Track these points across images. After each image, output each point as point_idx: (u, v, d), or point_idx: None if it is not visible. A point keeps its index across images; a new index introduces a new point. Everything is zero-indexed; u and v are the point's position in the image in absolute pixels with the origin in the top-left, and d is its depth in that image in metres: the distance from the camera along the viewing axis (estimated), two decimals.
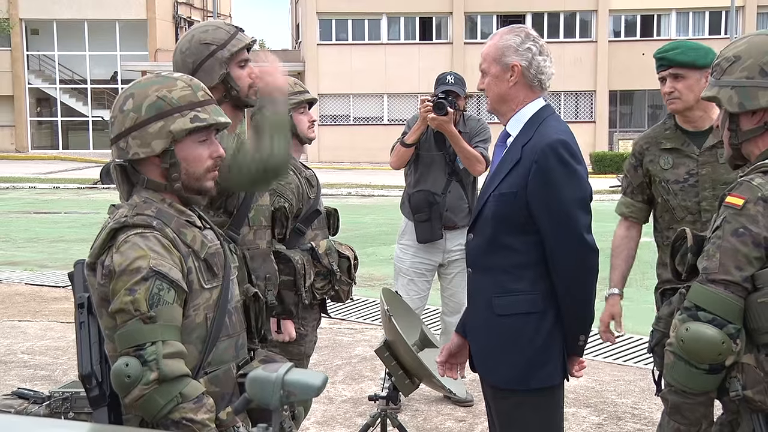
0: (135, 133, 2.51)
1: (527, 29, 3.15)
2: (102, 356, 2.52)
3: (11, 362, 6.87)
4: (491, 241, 3.04)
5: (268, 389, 1.68)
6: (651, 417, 5.50)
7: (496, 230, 3.02)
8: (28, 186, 25.41)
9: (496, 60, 3.08)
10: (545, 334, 3.02)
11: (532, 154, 2.97)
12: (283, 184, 3.96)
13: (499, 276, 3.04)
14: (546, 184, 2.94)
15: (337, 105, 37.15)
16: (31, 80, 41.25)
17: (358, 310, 8.67)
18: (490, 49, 3.12)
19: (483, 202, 3.09)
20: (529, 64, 3.06)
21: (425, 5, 36.88)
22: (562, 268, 2.98)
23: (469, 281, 3.22)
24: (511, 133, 3.11)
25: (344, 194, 23.10)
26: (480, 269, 3.11)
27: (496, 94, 3.11)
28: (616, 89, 37.71)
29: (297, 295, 3.93)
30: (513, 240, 3.00)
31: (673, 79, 3.82)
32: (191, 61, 3.30)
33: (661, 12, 37.91)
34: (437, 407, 5.67)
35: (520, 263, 3.01)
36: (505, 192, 3.00)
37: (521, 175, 2.97)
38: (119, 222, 2.45)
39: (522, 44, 3.07)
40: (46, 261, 11.92)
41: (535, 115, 3.08)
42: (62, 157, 37.57)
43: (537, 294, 3.00)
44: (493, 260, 3.05)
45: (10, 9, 39.46)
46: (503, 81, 3.08)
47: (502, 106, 3.13)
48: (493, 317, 3.05)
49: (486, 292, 3.07)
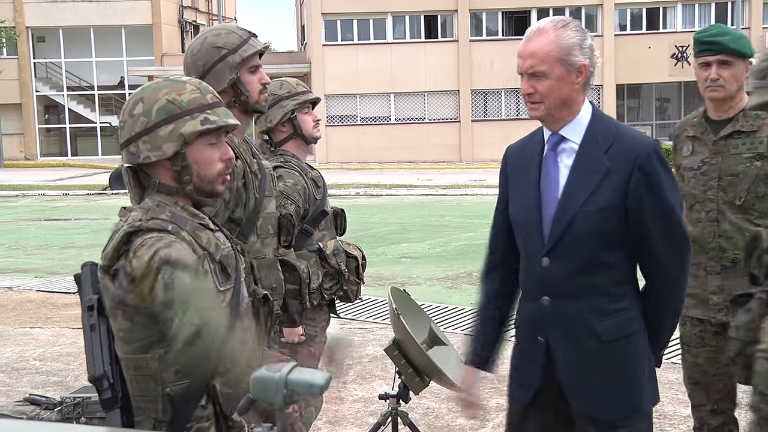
0: (146, 137, 2.51)
1: (577, 22, 2.88)
2: (113, 358, 2.52)
3: (23, 369, 6.89)
4: (588, 261, 2.77)
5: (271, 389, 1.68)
6: (662, 410, 5.49)
7: (595, 249, 2.76)
8: (37, 193, 25.48)
9: (561, 60, 2.76)
10: (647, 353, 2.86)
11: (628, 162, 2.73)
12: (290, 186, 3.96)
13: (596, 299, 2.79)
14: (652, 189, 2.74)
15: (344, 105, 37.14)
16: (39, 88, 41.36)
17: (367, 310, 8.68)
18: (549, 48, 2.76)
19: (567, 222, 2.77)
20: (591, 63, 2.82)
21: (430, 3, 36.84)
22: (666, 271, 2.81)
23: (547, 313, 2.85)
24: (571, 139, 2.82)
25: (352, 194, 23.10)
26: (568, 296, 2.81)
27: (559, 98, 2.78)
28: (623, 83, 37.60)
29: (301, 304, 3.93)
30: (612, 257, 2.78)
31: (720, 66, 3.68)
32: (201, 63, 3.30)
33: (666, 4, 37.79)
34: (448, 404, 5.67)
35: (619, 280, 2.80)
36: (604, 206, 2.73)
37: (617, 185, 2.73)
38: (134, 226, 2.44)
39: (584, 41, 2.81)
40: (56, 267, 11.95)
41: (594, 116, 2.84)
42: (71, 164, 37.66)
43: (636, 311, 2.83)
44: (588, 282, 2.78)
45: (16, 17, 39.57)
46: (569, 83, 2.78)
47: (562, 111, 2.81)
48: (598, 345, 2.79)
49: (582, 319, 2.79)
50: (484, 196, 21.51)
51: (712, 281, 3.77)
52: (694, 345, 3.88)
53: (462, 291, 9.62)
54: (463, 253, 12.31)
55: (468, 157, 36.16)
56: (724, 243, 3.73)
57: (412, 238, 14.34)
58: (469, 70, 36.41)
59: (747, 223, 3.70)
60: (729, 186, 3.72)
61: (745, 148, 3.71)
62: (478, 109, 37.18)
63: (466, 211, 18.23)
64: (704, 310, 3.81)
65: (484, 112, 37.30)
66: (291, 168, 4.03)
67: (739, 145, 3.72)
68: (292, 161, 4.07)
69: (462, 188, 23.98)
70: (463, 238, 14.09)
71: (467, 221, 16.39)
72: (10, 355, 7.32)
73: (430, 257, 12.29)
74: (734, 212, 3.72)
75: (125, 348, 2.48)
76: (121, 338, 2.48)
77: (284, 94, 4.11)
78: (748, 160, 3.70)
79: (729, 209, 3.72)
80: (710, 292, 3.77)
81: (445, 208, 19.37)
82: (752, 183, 3.69)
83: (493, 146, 35.32)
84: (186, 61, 3.36)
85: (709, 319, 3.80)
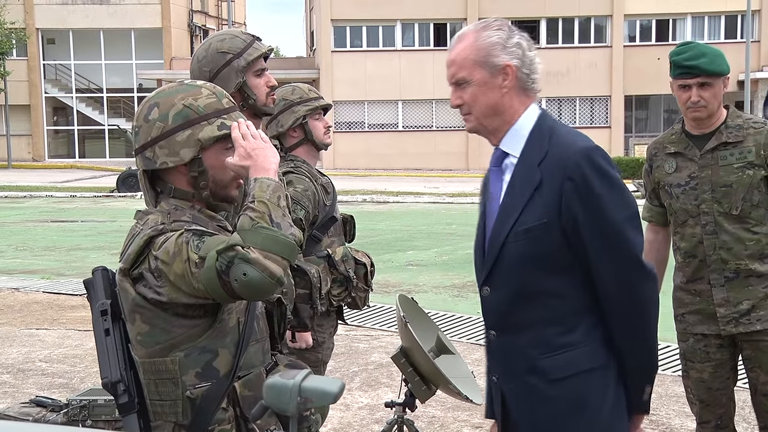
0: (162, 142, 2.50)
1: (504, 21, 2.57)
2: (127, 362, 2.52)
3: (29, 370, 6.89)
4: (522, 290, 2.46)
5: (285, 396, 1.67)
6: (669, 423, 5.47)
7: (528, 276, 2.44)
8: (45, 195, 25.54)
9: (480, 63, 2.48)
10: (613, 392, 2.47)
11: (560, 170, 2.39)
12: (300, 192, 3.96)
13: (540, 331, 2.45)
14: (587, 203, 2.38)
15: (352, 112, 37.18)
16: (48, 89, 41.48)
17: (374, 317, 8.67)
18: (467, 51, 2.49)
19: (500, 245, 2.48)
20: (522, 63, 2.49)
21: (439, 11, 36.90)
22: (617, 303, 2.43)
23: (493, 348, 2.60)
24: (510, 152, 2.53)
25: (359, 201, 23.11)
26: (510, 329, 2.50)
27: (485, 106, 2.50)
28: (631, 94, 37.59)
29: (312, 308, 3.92)
30: (553, 283, 2.43)
31: (700, 88, 3.72)
32: (208, 69, 3.31)
33: (676, 16, 37.79)
34: (454, 414, 5.65)
35: (567, 310, 2.44)
36: (531, 226, 2.41)
37: (549, 199, 2.40)
38: (157, 230, 2.43)
39: (509, 39, 2.50)
40: (63, 269, 11.96)
41: (538, 125, 2.51)
42: (79, 166, 37.76)
43: (595, 343, 2.45)
44: (528, 314, 2.46)
45: (26, 19, 39.71)
46: (493, 88, 2.48)
47: (493, 121, 2.53)
48: (543, 384, 2.46)
49: (526, 355, 2.47)
50: None
51: (718, 294, 3.76)
52: (699, 360, 3.87)
53: (468, 299, 9.60)
54: (470, 262, 12.17)
55: (475, 165, 36.12)
56: (724, 254, 3.74)
57: (418, 245, 14.33)
58: None
59: (746, 232, 3.73)
60: (723, 197, 3.74)
61: (735, 159, 3.74)
62: None
63: (472, 220, 18.06)
64: (711, 324, 3.80)
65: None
66: (301, 174, 4.03)
67: (727, 156, 3.75)
68: (303, 167, 4.07)
69: (469, 196, 23.96)
70: (469, 246, 13.97)
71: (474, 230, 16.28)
72: (16, 356, 7.33)
73: (436, 265, 12.28)
74: (732, 222, 3.74)
75: (143, 352, 2.48)
76: (140, 342, 2.47)
77: (296, 99, 4.11)
78: (740, 170, 3.73)
79: (726, 220, 3.74)
80: (717, 305, 3.76)
81: (451, 216, 19.36)
82: (746, 192, 3.72)
83: None
84: (192, 67, 3.37)
85: (718, 333, 3.79)
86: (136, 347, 2.48)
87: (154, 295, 2.41)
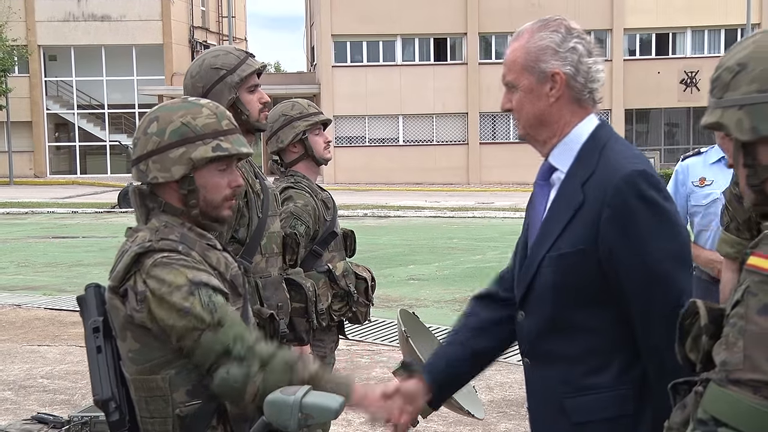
0: (156, 156, 2.51)
1: (566, 22, 2.30)
2: (119, 379, 2.52)
3: (31, 387, 6.89)
4: (552, 321, 2.24)
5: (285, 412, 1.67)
6: None
7: (558, 306, 2.22)
8: (46, 211, 25.54)
9: (528, 68, 2.25)
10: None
11: (601, 194, 2.15)
12: (300, 207, 3.96)
13: (568, 368, 2.23)
14: (627, 234, 2.12)
15: (353, 126, 37.23)
16: (49, 106, 41.58)
17: (375, 332, 8.66)
18: (517, 53, 2.27)
19: (535, 268, 2.26)
20: (576, 71, 2.26)
21: (439, 26, 36.98)
22: (652, 349, 2.14)
23: (528, 376, 2.40)
24: (559, 167, 2.30)
25: (360, 215, 23.11)
26: (542, 359, 2.30)
27: (530, 114, 2.28)
28: (631, 108, 37.64)
29: (308, 322, 3.92)
30: (585, 316, 2.20)
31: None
32: (201, 85, 3.33)
33: (676, 30, 37.86)
34: (456, 428, 5.64)
35: (598, 348, 2.20)
36: (566, 252, 2.19)
37: (588, 225, 2.16)
38: (144, 247, 2.43)
39: (563, 43, 2.25)
40: (64, 285, 11.97)
41: (591, 139, 2.27)
42: (80, 182, 37.81)
43: (627, 389, 2.18)
44: (558, 347, 2.24)
45: (28, 36, 39.85)
46: (540, 97, 2.26)
47: (540, 131, 2.30)
48: (566, 426, 2.24)
49: (555, 391, 2.25)
50: (492, 218, 21.51)
51: None
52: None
53: None
54: (471, 276, 12.28)
55: (476, 180, 36.16)
56: None
57: (419, 260, 14.32)
58: (477, 93, 36.47)
59: None
60: None
61: None
62: (486, 131, 37.21)
63: (473, 234, 18.21)
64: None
65: (493, 134, 37.32)
66: (301, 189, 4.04)
67: None
68: (303, 182, 4.08)
69: (470, 210, 23.97)
70: (470, 260, 14.07)
71: (475, 244, 16.36)
72: (18, 372, 7.32)
73: (437, 279, 12.27)
74: None
75: (134, 369, 2.47)
76: (131, 359, 2.47)
77: (296, 114, 4.12)
78: None
79: None
80: None
81: (452, 230, 19.36)
82: None
83: (501, 169, 35.36)
84: (185, 83, 3.39)
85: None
86: (127, 364, 2.48)
87: (132, 313, 2.42)
